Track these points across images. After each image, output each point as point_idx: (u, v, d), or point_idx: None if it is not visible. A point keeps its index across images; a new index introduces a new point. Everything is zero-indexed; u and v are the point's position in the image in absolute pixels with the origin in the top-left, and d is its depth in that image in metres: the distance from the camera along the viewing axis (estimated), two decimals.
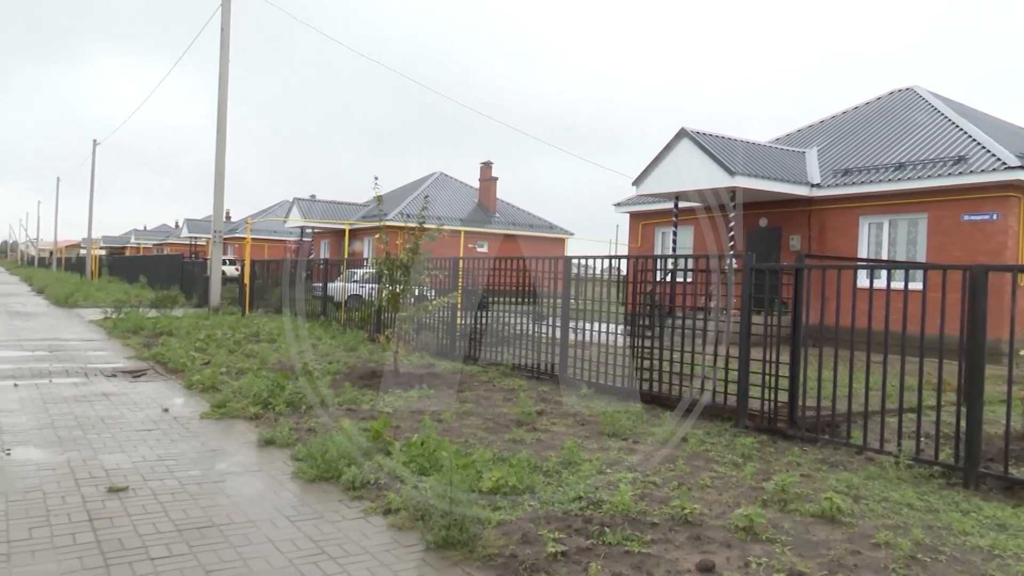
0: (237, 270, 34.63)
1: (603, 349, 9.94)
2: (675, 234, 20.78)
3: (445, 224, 13.88)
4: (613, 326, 10.02)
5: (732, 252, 17.62)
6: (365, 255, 36.38)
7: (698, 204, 21.08)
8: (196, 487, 5.48)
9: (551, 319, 11.22)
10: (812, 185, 19.12)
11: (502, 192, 53.36)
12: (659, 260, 10.86)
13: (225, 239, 33.91)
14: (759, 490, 5.58)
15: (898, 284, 6.99)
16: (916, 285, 11.69)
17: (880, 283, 7.73)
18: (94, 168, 48.36)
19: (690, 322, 8.85)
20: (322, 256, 43.34)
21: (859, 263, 15.00)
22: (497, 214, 42.96)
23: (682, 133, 19.11)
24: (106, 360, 12.12)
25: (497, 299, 12.50)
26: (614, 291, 10.82)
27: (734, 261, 8.58)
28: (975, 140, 17.10)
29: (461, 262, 13.54)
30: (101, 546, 4.33)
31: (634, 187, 20.70)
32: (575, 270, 10.84)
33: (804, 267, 7.59)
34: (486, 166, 44.22)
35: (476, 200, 43.75)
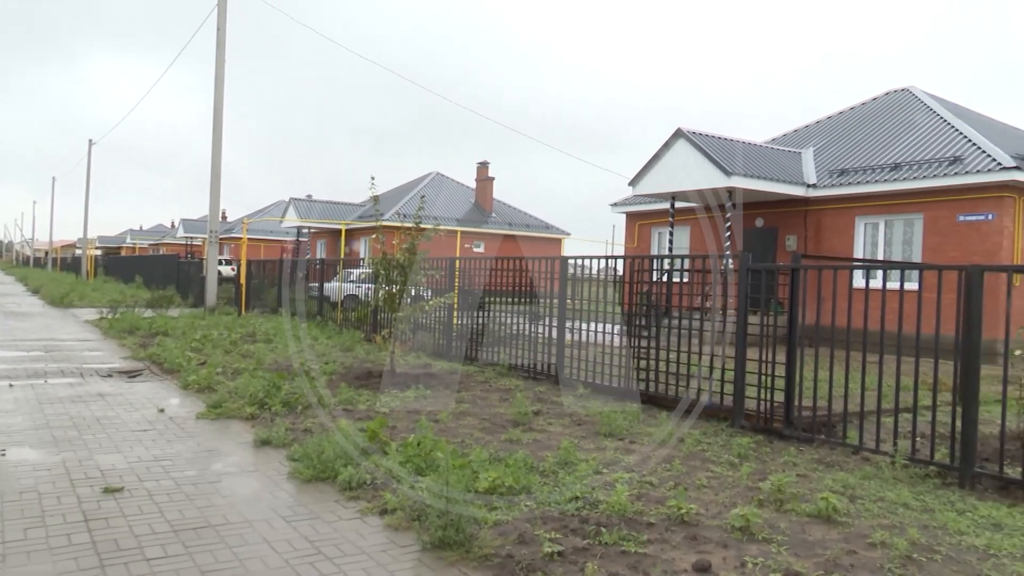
0: (233, 270, 34.61)
1: (600, 349, 9.95)
2: (671, 234, 20.80)
3: (441, 224, 13.90)
4: (610, 326, 10.03)
5: (729, 252, 17.63)
6: (362, 255, 36.37)
7: (696, 204, 21.10)
8: (192, 487, 5.47)
9: (548, 319, 11.22)
10: (808, 185, 19.16)
11: (501, 192, 53.49)
12: (655, 260, 10.89)
13: (221, 239, 33.83)
14: (755, 490, 5.59)
15: (894, 284, 7.01)
16: (912, 285, 11.69)
17: (876, 283, 7.75)
18: (90, 168, 48.37)
19: (687, 322, 8.86)
20: (318, 256, 43.33)
21: (855, 263, 15.02)
22: (494, 214, 42.96)
23: (678, 133, 19.13)
24: (102, 360, 12.09)
25: (494, 299, 12.50)
26: (611, 291, 10.82)
27: (731, 261, 8.59)
28: (971, 141, 17.15)
29: (457, 262, 13.55)
30: (97, 547, 4.31)
31: (631, 187, 20.72)
32: (571, 270, 10.85)
33: (800, 267, 7.61)
34: (482, 166, 44.22)
35: (473, 200, 43.75)
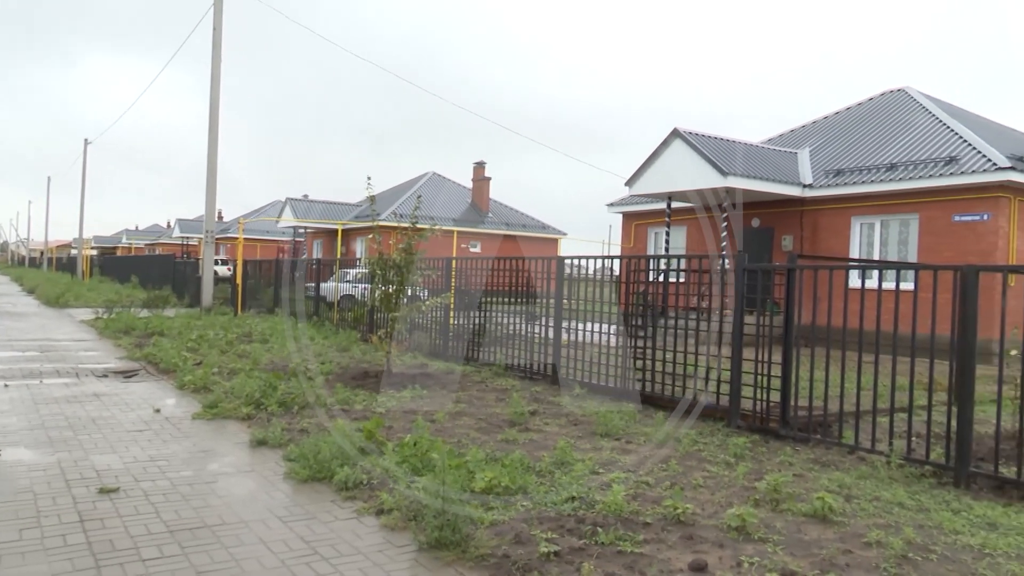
0: (229, 270, 34.57)
1: (596, 349, 9.95)
2: (668, 234, 20.82)
3: (438, 224, 13.89)
4: (606, 326, 10.04)
5: (725, 252, 17.66)
6: (358, 255, 36.36)
7: (693, 204, 21.12)
8: (188, 488, 5.46)
9: (544, 319, 11.23)
10: (804, 185, 19.20)
11: (499, 192, 53.43)
12: (652, 260, 10.90)
13: (217, 239, 33.80)
14: (751, 490, 5.60)
15: (889, 284, 7.01)
16: (907, 285, 11.75)
17: (872, 283, 7.77)
18: (85, 167, 48.23)
19: (683, 322, 8.87)
20: (315, 256, 43.28)
21: (851, 263, 15.05)
22: (490, 214, 42.96)
23: (675, 133, 19.15)
24: (97, 360, 12.06)
25: (490, 299, 12.51)
26: (607, 291, 10.83)
27: (727, 261, 8.61)
28: (966, 141, 17.20)
29: (454, 262, 13.55)
30: (92, 547, 4.30)
31: (627, 187, 20.73)
32: (568, 270, 10.86)
33: (796, 267, 7.62)
34: (479, 166, 44.22)
35: (469, 200, 43.75)
